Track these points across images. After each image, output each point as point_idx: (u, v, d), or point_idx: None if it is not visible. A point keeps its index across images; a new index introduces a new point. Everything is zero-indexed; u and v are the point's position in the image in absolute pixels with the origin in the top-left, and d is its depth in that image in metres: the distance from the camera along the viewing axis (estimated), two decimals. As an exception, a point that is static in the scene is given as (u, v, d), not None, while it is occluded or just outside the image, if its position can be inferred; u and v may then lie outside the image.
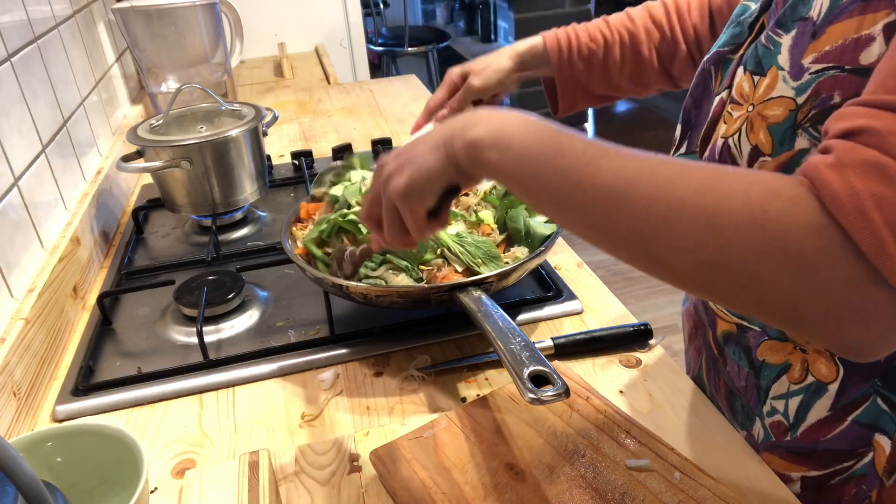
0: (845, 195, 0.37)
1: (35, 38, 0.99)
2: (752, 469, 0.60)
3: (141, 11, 1.37)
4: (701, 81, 0.66)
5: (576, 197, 0.46)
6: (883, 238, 0.36)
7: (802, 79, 0.50)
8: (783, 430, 0.61)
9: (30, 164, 0.89)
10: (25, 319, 0.74)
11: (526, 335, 0.61)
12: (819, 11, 0.50)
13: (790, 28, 0.52)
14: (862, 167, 0.37)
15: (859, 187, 0.36)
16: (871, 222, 0.36)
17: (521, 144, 0.49)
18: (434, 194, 0.56)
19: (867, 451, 0.58)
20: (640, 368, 0.73)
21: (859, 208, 0.36)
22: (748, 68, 0.56)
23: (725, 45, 0.63)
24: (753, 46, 0.57)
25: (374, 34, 3.89)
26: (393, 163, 0.57)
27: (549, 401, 0.53)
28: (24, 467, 0.33)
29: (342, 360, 0.77)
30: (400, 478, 0.58)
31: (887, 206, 0.36)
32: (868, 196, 0.36)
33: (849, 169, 0.37)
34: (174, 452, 0.67)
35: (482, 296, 0.69)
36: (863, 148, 0.37)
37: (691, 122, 0.67)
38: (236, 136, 1.01)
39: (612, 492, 0.55)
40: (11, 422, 0.67)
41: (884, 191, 0.36)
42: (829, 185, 0.37)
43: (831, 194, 0.37)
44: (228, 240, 1.06)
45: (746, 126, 0.55)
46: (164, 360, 0.79)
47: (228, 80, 1.56)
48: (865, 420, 0.57)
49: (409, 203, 0.56)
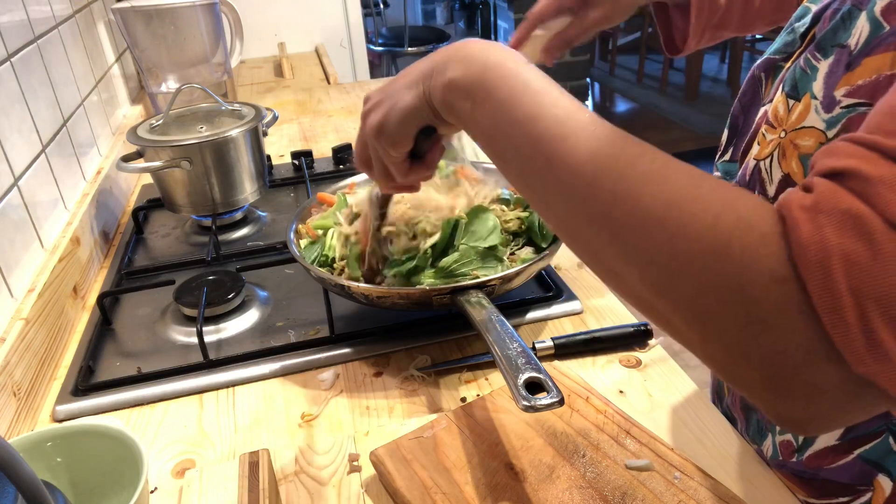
0: (813, 246, 0.31)
1: (35, 38, 0.99)
2: (752, 469, 0.60)
3: (141, 11, 1.37)
4: (750, 88, 0.61)
5: (542, 173, 0.41)
6: (843, 305, 0.30)
7: (833, 112, 0.46)
8: (791, 450, 0.59)
9: (30, 164, 0.89)
10: (25, 319, 0.74)
11: (524, 340, 0.61)
12: (858, 40, 0.45)
13: (829, 53, 0.48)
14: (839, 216, 0.31)
15: (831, 240, 0.31)
16: (833, 283, 0.30)
17: (499, 98, 0.44)
18: (408, 136, 0.51)
19: (867, 489, 0.54)
20: (640, 368, 0.73)
21: (824, 264, 0.31)
22: (785, 89, 0.52)
23: (777, 53, 0.58)
24: (794, 67, 0.52)
25: (374, 34, 3.89)
26: (375, 97, 0.53)
27: (543, 409, 0.52)
28: (24, 467, 0.33)
29: (342, 360, 0.77)
30: (400, 478, 0.58)
31: (857, 268, 0.30)
32: (837, 252, 0.30)
33: (824, 216, 0.31)
34: (174, 452, 0.67)
35: (483, 299, 0.69)
36: (845, 193, 0.31)
37: (738, 129, 0.63)
38: (236, 136, 1.01)
39: (612, 492, 0.55)
40: (11, 422, 0.67)
41: (857, 250, 0.30)
42: (799, 230, 0.32)
43: (798, 241, 0.32)
44: (228, 240, 1.06)
45: (778, 152, 0.51)
46: (164, 360, 0.79)
47: (228, 80, 1.56)
48: (871, 457, 0.53)
49: (383, 144, 0.52)
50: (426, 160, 0.55)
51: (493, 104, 0.44)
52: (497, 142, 0.45)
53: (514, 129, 0.43)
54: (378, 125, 0.52)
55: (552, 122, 0.41)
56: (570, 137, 0.40)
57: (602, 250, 0.40)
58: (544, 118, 0.42)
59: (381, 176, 0.56)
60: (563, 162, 0.40)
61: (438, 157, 0.56)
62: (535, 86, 0.44)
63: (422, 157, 0.55)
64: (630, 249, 0.38)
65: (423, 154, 0.55)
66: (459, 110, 0.47)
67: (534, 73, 0.45)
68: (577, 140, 0.40)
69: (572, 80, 3.69)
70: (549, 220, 0.44)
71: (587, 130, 0.40)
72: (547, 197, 0.42)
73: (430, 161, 0.55)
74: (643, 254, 0.37)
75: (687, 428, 0.65)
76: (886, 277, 0.30)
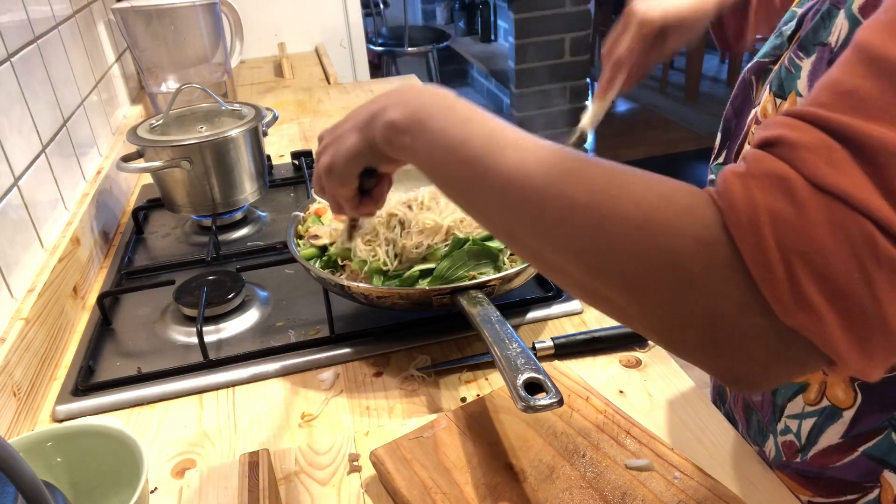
0: (743, 205, 0.33)
1: (35, 38, 0.99)
2: (753, 469, 0.60)
3: (141, 11, 1.37)
4: (741, 91, 0.64)
5: (478, 189, 0.44)
6: (772, 261, 0.32)
7: None
8: (794, 450, 0.59)
9: (30, 164, 0.89)
10: (25, 319, 0.74)
11: (524, 340, 0.61)
12: (838, 38, 0.47)
13: (811, 52, 0.50)
14: (767, 179, 0.33)
15: (759, 200, 0.33)
16: (763, 240, 0.33)
17: (433, 129, 0.47)
18: (352, 176, 0.56)
19: (874, 486, 0.55)
20: (640, 368, 0.73)
21: (753, 223, 0.33)
22: (772, 89, 0.54)
23: (766, 56, 0.60)
24: (779, 67, 0.55)
25: (374, 34, 3.89)
26: (326, 138, 0.58)
27: (542, 409, 0.52)
28: (24, 467, 0.33)
29: (342, 360, 0.77)
30: (400, 478, 0.58)
31: (783, 225, 0.32)
32: (765, 211, 0.33)
33: (753, 179, 0.34)
34: (174, 452, 0.67)
35: (483, 299, 0.69)
36: (773, 159, 0.34)
37: (731, 132, 0.65)
38: (236, 136, 1.01)
39: (612, 492, 0.55)
40: (11, 422, 0.67)
41: (783, 208, 0.32)
42: (731, 193, 0.34)
43: (729, 203, 0.34)
44: (228, 240, 1.06)
45: None
46: (164, 360, 0.79)
47: (228, 80, 1.56)
48: (876, 454, 0.54)
49: (332, 183, 0.57)
50: (373, 195, 0.60)
51: (428, 136, 0.48)
52: (437, 169, 0.48)
53: (448, 154, 0.46)
54: (327, 166, 0.57)
55: (481, 142, 0.45)
56: (497, 152, 0.44)
57: (541, 249, 0.42)
58: (473, 140, 0.45)
59: (334, 207, 0.62)
60: (495, 174, 0.43)
61: (385, 192, 0.61)
62: (464, 114, 0.47)
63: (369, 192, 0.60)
64: (563, 241, 0.40)
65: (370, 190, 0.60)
66: (400, 146, 0.50)
67: (463, 104, 0.49)
68: (504, 153, 0.43)
69: (572, 80, 3.69)
70: (492, 231, 0.47)
71: (514, 144, 0.44)
72: (486, 209, 0.45)
73: (376, 196, 0.60)
74: (576, 241, 0.39)
75: (687, 428, 0.65)
76: (810, 233, 0.32)
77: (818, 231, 0.32)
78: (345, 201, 0.59)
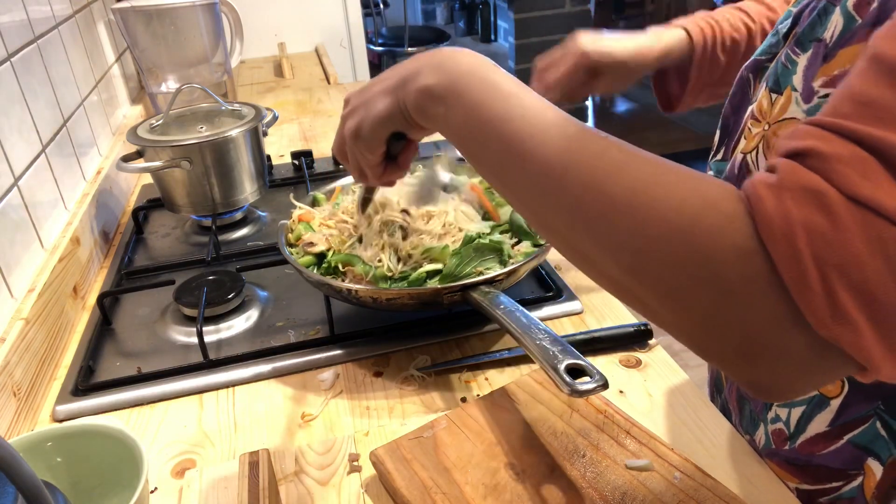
0: (778, 219, 0.33)
1: (35, 38, 0.99)
2: (753, 469, 0.60)
3: (141, 11, 1.37)
4: (739, 89, 0.64)
5: (514, 171, 0.43)
6: (808, 275, 0.32)
7: (812, 102, 0.49)
8: (783, 438, 0.60)
9: (30, 164, 0.89)
10: (25, 319, 0.74)
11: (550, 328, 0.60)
12: (833, 33, 0.48)
13: (807, 48, 0.51)
14: (801, 192, 0.33)
15: (794, 213, 0.33)
16: (799, 254, 0.33)
17: (471, 102, 0.46)
18: (380, 142, 0.54)
19: (858, 473, 0.56)
20: (640, 368, 0.73)
21: (789, 237, 0.33)
22: (769, 85, 0.55)
23: (763, 54, 0.61)
24: (776, 63, 0.55)
25: (374, 34, 3.89)
26: (353, 100, 0.56)
27: (589, 393, 0.51)
28: (24, 467, 0.33)
29: (342, 360, 0.77)
30: (400, 478, 0.58)
31: (819, 238, 0.32)
32: (801, 224, 0.33)
33: (787, 192, 0.34)
34: (174, 452, 0.67)
35: (498, 294, 0.68)
36: (805, 171, 0.34)
37: (729, 128, 0.65)
38: (236, 136, 1.01)
39: (612, 492, 0.55)
40: (11, 422, 0.67)
41: (819, 222, 0.32)
42: (764, 206, 0.34)
43: (764, 216, 0.34)
44: (228, 240, 1.06)
45: (763, 144, 0.54)
46: (164, 360, 0.79)
47: (228, 80, 1.56)
48: (861, 442, 0.55)
49: (360, 148, 0.55)
50: (399, 161, 0.58)
51: (465, 108, 0.46)
52: (470, 143, 0.47)
53: (486, 129, 0.45)
54: (354, 130, 0.55)
55: (521, 122, 0.43)
56: (538, 135, 0.42)
57: (575, 239, 0.42)
58: (514, 118, 0.44)
59: (357, 174, 0.60)
60: (534, 158, 0.42)
61: (411, 159, 0.60)
62: (505, 89, 0.46)
63: (395, 158, 0.58)
64: (602, 237, 0.39)
65: (397, 156, 0.58)
66: (433, 114, 0.49)
67: (503, 76, 0.47)
68: (546, 137, 0.42)
69: (572, 80, 3.68)
70: (523, 213, 0.46)
71: (555, 127, 0.43)
72: (520, 192, 0.44)
73: (402, 162, 0.58)
74: (615, 239, 0.39)
75: (687, 428, 0.65)
76: (845, 246, 0.32)
77: (854, 243, 0.32)
78: (370, 167, 0.57)
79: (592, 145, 0.41)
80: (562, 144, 0.42)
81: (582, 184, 0.40)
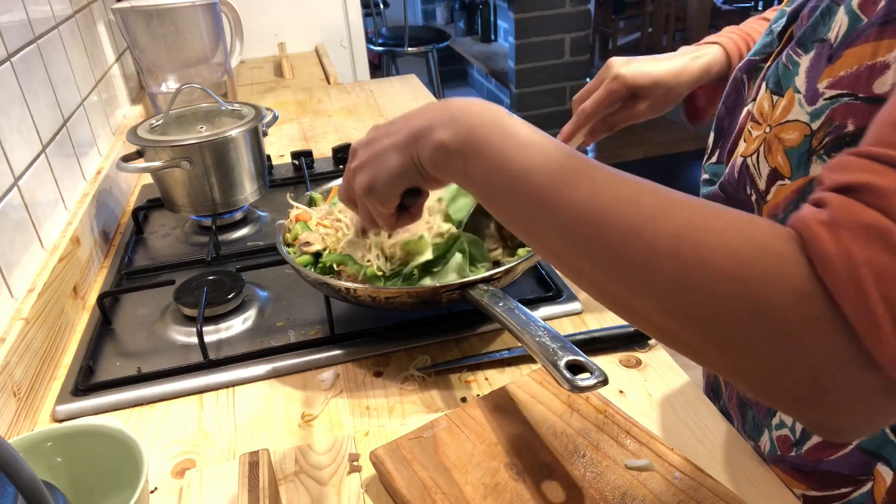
0: (840, 261, 0.32)
1: (35, 38, 0.99)
2: (753, 469, 0.60)
3: (141, 11, 1.37)
4: (734, 90, 0.64)
5: (544, 222, 0.42)
6: (878, 316, 0.31)
7: (817, 104, 0.48)
8: (789, 444, 0.60)
9: (30, 164, 0.89)
10: (25, 319, 0.74)
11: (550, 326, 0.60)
12: (837, 34, 0.47)
13: (809, 49, 0.50)
14: (862, 231, 0.32)
15: (857, 254, 0.32)
16: (866, 296, 0.31)
17: (490, 155, 0.45)
18: (395, 196, 0.54)
19: (867, 479, 0.55)
20: (639, 368, 0.73)
21: (854, 278, 0.32)
22: (769, 86, 0.54)
23: (757, 54, 0.60)
24: (776, 63, 0.54)
25: (374, 34, 3.89)
26: (362, 154, 0.55)
27: (589, 389, 0.51)
28: (24, 467, 0.33)
29: (342, 360, 0.77)
30: (400, 478, 0.58)
31: (887, 278, 0.31)
32: (866, 265, 0.31)
33: (846, 231, 0.32)
34: (174, 452, 0.67)
35: (497, 291, 0.68)
36: (863, 208, 0.32)
37: (724, 130, 0.65)
38: (236, 136, 1.01)
39: (612, 492, 0.55)
40: (11, 422, 0.67)
41: (885, 261, 0.31)
42: (822, 246, 0.33)
43: (823, 257, 0.33)
44: (228, 240, 1.06)
45: (764, 147, 0.53)
46: (164, 360, 0.79)
47: (228, 80, 1.56)
48: (869, 447, 0.55)
49: (372, 203, 0.55)
50: (411, 211, 0.58)
51: (484, 161, 0.45)
52: (494, 196, 0.46)
53: (509, 183, 0.44)
54: (367, 186, 0.54)
55: (545, 173, 0.43)
56: (565, 186, 0.41)
57: (613, 287, 0.40)
58: (537, 169, 0.43)
59: (367, 222, 0.59)
60: (565, 209, 0.41)
61: (422, 207, 0.59)
62: (522, 137, 0.45)
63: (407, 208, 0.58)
64: (644, 284, 0.38)
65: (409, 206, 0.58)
66: (451, 169, 0.48)
67: (518, 124, 0.46)
68: (575, 186, 0.41)
69: (572, 80, 3.68)
70: (555, 263, 0.45)
71: (582, 175, 0.41)
72: (551, 243, 0.43)
73: (415, 212, 0.58)
74: (657, 287, 0.37)
75: (687, 428, 0.65)
76: None
77: None
78: (382, 219, 0.57)
79: (622, 189, 0.40)
80: (592, 191, 0.40)
81: (619, 231, 0.39)
